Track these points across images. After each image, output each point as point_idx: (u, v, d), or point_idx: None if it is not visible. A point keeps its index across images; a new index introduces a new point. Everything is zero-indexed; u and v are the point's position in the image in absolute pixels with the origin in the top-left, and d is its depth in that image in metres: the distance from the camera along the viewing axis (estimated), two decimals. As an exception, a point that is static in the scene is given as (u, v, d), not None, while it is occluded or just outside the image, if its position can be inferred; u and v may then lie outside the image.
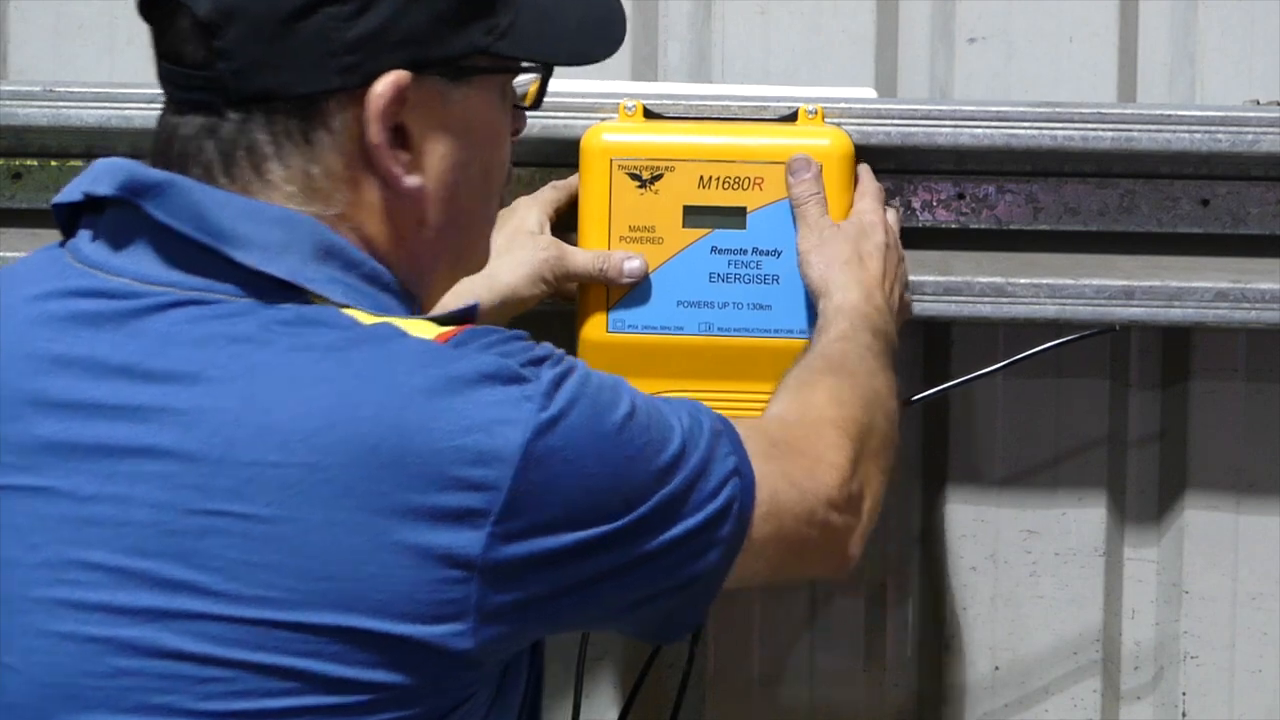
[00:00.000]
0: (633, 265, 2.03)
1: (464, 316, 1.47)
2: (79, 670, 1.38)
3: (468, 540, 1.38)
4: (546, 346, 1.48)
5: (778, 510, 1.56)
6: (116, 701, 1.37)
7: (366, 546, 1.36)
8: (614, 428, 1.45)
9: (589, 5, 1.61)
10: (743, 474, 1.53)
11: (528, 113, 1.63)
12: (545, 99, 2.06)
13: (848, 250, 2.00)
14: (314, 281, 1.43)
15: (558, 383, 1.42)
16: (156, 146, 1.50)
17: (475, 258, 1.61)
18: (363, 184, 1.48)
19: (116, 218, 1.48)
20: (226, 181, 1.46)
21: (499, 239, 1.90)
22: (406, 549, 1.36)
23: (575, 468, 1.41)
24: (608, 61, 2.23)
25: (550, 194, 2.10)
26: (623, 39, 1.64)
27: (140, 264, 1.45)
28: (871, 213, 2.04)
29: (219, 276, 1.43)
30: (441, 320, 1.45)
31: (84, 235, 1.50)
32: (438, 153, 1.50)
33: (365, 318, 1.42)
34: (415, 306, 1.53)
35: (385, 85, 1.44)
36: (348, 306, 1.43)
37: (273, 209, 1.44)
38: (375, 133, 1.45)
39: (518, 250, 2.01)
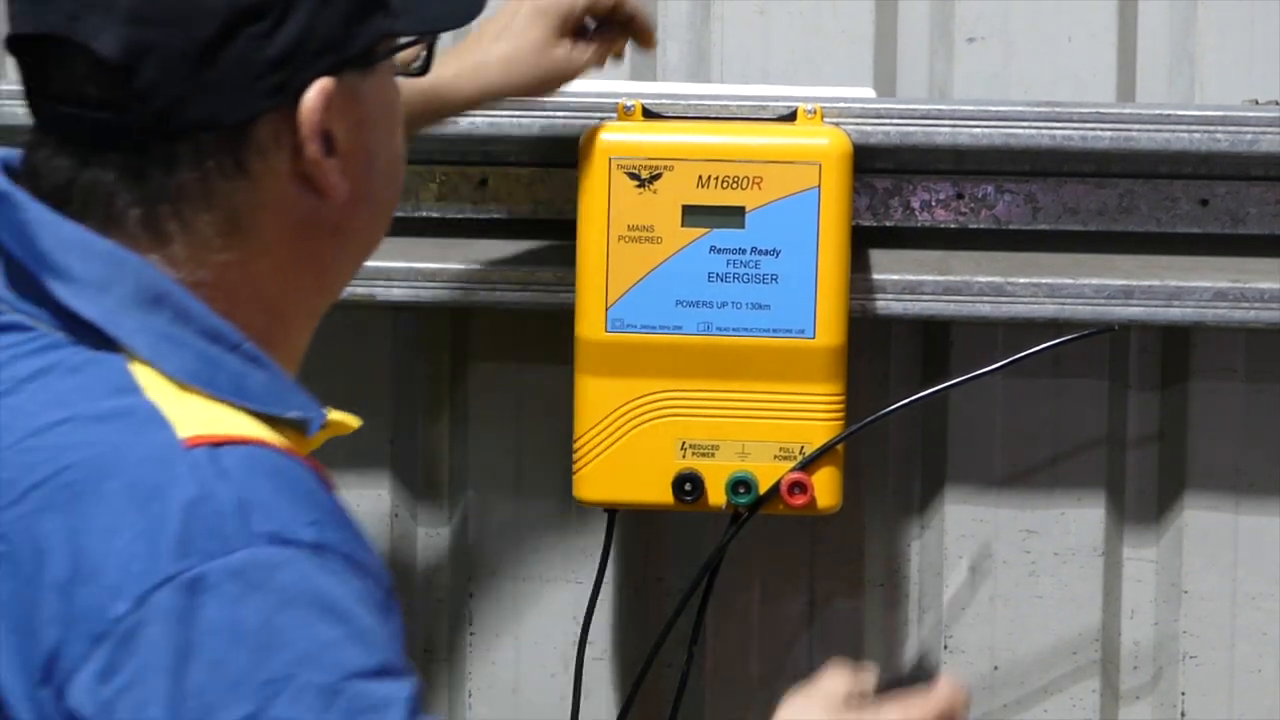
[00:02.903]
0: None
1: (291, 423, 1.37)
2: None
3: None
4: (275, 545, 1.26)
5: None
6: None
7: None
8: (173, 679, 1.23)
9: None
10: None
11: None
12: (542, 99, 2.07)
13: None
14: (122, 329, 1.33)
15: (190, 587, 1.23)
16: (41, 191, 1.37)
17: (373, 245, 1.51)
18: (289, 207, 1.40)
19: None
20: (144, 240, 1.36)
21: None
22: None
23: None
24: (607, 62, 2.24)
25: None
26: None
27: None
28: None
29: (40, 303, 1.35)
30: (266, 415, 1.34)
31: None
32: (359, 151, 1.42)
33: (154, 387, 1.32)
34: (273, 361, 1.40)
35: (314, 96, 1.37)
36: (156, 367, 1.33)
37: (103, 243, 1.35)
38: (313, 148, 1.38)
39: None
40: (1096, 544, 2.38)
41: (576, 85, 2.07)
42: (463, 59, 2.01)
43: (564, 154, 2.13)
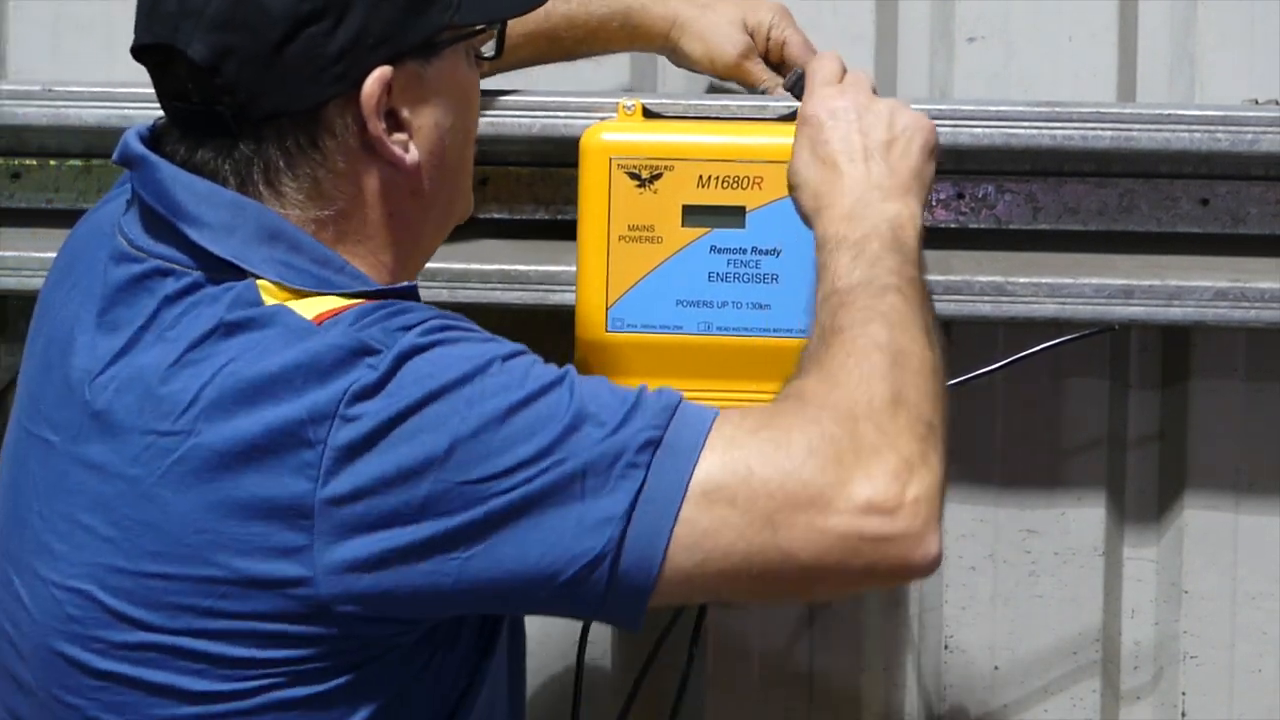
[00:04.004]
0: None
1: (385, 293, 1.62)
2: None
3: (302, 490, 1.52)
4: (432, 317, 1.59)
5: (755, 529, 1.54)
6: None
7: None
8: (455, 395, 1.53)
9: None
10: (666, 455, 1.54)
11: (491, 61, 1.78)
12: (543, 99, 2.09)
13: (805, 153, 1.80)
14: (250, 261, 1.59)
15: (406, 354, 1.53)
16: None
17: (461, 207, 1.77)
18: (364, 175, 1.64)
19: (132, 180, 1.67)
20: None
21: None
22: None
23: (397, 430, 1.52)
24: (608, 61, 2.25)
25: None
26: None
27: (134, 229, 1.64)
28: (822, 99, 1.80)
29: (179, 247, 1.61)
30: (361, 294, 1.60)
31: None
32: (427, 125, 1.66)
33: (271, 298, 1.58)
34: (371, 280, 1.65)
35: (373, 83, 1.60)
36: (281, 284, 1.59)
37: (228, 193, 1.61)
38: (374, 125, 1.62)
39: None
40: (1097, 544, 2.38)
41: (576, 84, 2.08)
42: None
43: (564, 154, 2.13)
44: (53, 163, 2.28)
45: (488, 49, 1.74)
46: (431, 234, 1.74)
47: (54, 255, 2.21)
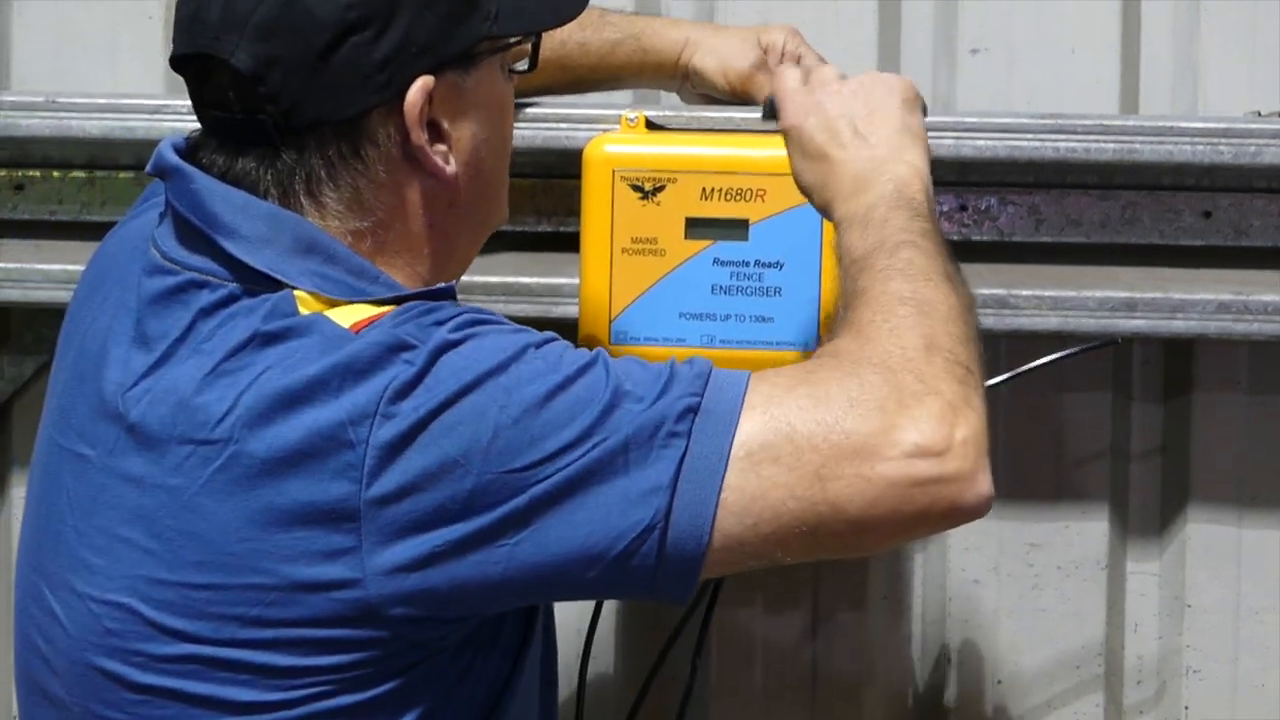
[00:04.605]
0: None
1: (420, 295, 1.61)
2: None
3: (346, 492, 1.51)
4: (463, 312, 1.59)
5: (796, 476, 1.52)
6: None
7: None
8: (492, 385, 1.53)
9: None
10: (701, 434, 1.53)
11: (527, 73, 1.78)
12: (546, 110, 2.09)
13: (798, 159, 1.81)
14: (287, 273, 1.59)
15: (441, 348, 1.53)
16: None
17: (496, 217, 1.77)
18: (404, 185, 1.64)
19: (167, 192, 1.66)
20: (281, 206, 1.62)
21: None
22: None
23: (437, 423, 1.52)
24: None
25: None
26: None
27: (168, 241, 1.63)
28: (795, 107, 1.81)
29: (214, 259, 1.60)
30: (395, 299, 1.60)
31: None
32: (465, 136, 1.67)
33: (308, 309, 1.57)
34: (407, 289, 1.65)
35: (416, 92, 1.61)
36: (318, 295, 1.59)
37: (264, 205, 1.60)
38: (417, 135, 1.62)
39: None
40: (1100, 557, 2.37)
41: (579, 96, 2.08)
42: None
43: (567, 165, 2.13)
44: (56, 174, 2.28)
45: (521, 65, 1.74)
46: (467, 244, 1.73)
47: (57, 267, 2.23)
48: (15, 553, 1.69)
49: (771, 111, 1.84)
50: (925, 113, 1.80)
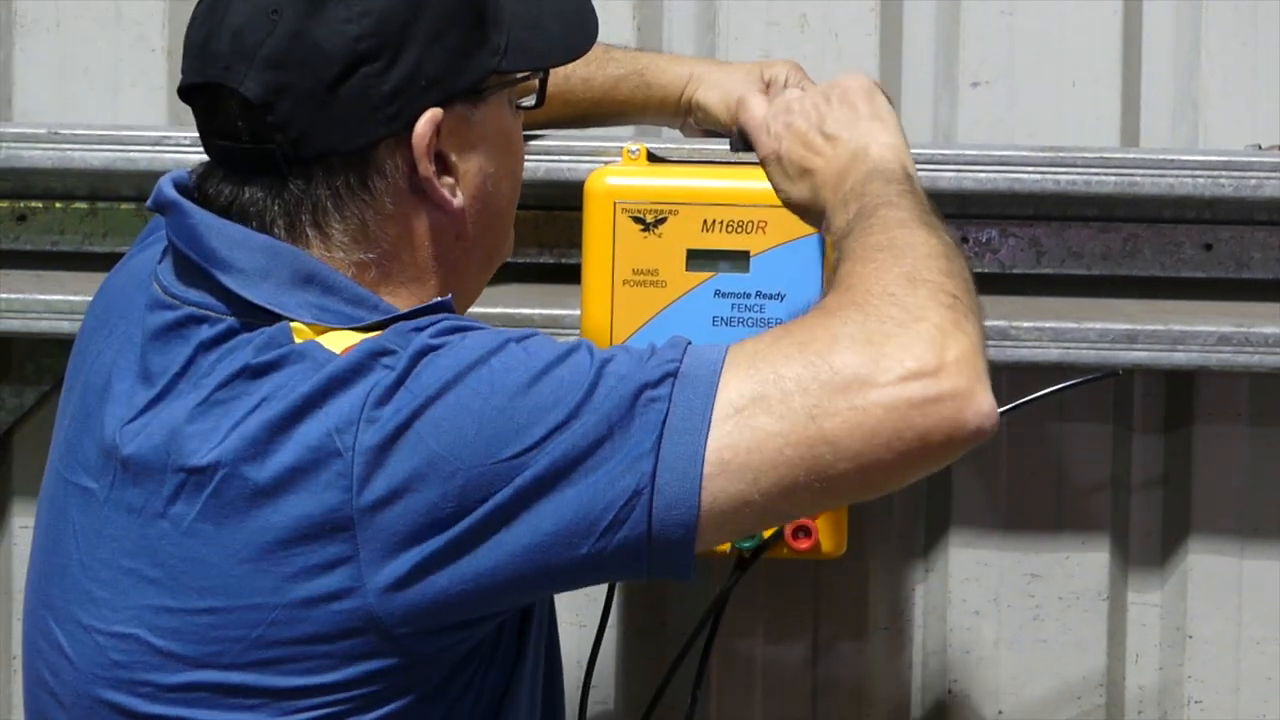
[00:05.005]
0: None
1: (415, 313, 1.60)
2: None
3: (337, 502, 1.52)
4: (443, 319, 1.59)
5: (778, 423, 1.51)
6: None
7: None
8: (474, 378, 1.53)
9: (560, 3, 1.76)
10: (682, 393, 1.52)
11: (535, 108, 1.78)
12: (549, 143, 2.09)
13: (781, 182, 1.83)
14: (285, 306, 1.59)
15: (421, 352, 1.54)
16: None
17: (503, 250, 1.77)
18: (411, 217, 1.64)
19: (166, 227, 1.67)
20: (286, 238, 1.62)
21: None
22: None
23: (420, 422, 1.52)
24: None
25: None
26: (598, 27, 1.78)
27: (168, 275, 1.64)
28: (763, 135, 1.85)
29: (213, 294, 1.61)
30: (386, 321, 1.60)
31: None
32: (472, 169, 1.67)
33: (303, 338, 1.58)
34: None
35: (424, 124, 1.61)
36: (315, 325, 1.59)
37: (261, 238, 1.61)
38: (425, 166, 1.62)
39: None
40: (1101, 588, 2.37)
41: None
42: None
43: (569, 197, 2.13)
44: (58, 205, 2.29)
45: (528, 100, 1.74)
46: (475, 276, 1.73)
47: (59, 297, 2.24)
48: (13, 581, 1.69)
49: (743, 143, 1.86)
50: (889, 99, 1.81)
